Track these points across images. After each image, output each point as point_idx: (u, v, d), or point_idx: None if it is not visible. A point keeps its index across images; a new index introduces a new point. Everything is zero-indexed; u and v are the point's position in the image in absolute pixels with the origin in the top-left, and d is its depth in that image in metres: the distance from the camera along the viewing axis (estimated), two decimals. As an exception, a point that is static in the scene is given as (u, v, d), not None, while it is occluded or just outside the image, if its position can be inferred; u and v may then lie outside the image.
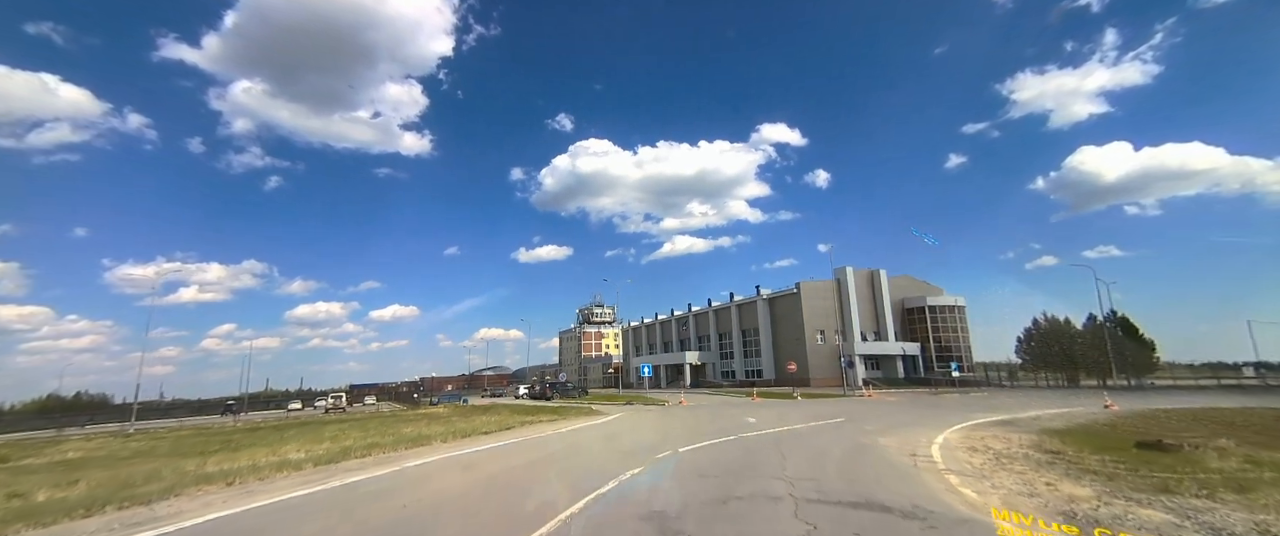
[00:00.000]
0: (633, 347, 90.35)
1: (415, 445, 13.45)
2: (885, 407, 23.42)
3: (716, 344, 70.23)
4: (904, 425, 15.46)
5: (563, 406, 32.06)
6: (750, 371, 63.86)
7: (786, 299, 60.04)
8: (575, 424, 18.88)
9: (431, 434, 15.66)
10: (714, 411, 23.28)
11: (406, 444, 13.57)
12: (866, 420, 17.13)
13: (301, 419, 34.57)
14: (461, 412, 28.18)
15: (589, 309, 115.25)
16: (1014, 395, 33.69)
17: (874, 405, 25.52)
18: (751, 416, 19.30)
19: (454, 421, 21.46)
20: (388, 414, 30.94)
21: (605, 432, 15.55)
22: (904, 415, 19.32)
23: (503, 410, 27.95)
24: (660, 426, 17.10)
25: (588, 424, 18.78)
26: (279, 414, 53.67)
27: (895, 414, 19.91)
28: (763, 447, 11.16)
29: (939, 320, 61.96)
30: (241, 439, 20.32)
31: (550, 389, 47.55)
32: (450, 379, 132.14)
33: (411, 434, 15.98)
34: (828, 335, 58.15)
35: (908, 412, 20.45)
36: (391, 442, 13.83)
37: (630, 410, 26.98)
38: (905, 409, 22.66)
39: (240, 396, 71.97)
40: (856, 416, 18.64)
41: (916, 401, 27.92)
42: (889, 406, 24.36)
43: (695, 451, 10.85)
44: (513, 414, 24.85)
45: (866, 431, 13.92)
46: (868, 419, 17.69)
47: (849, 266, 60.13)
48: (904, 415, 19.32)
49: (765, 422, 16.52)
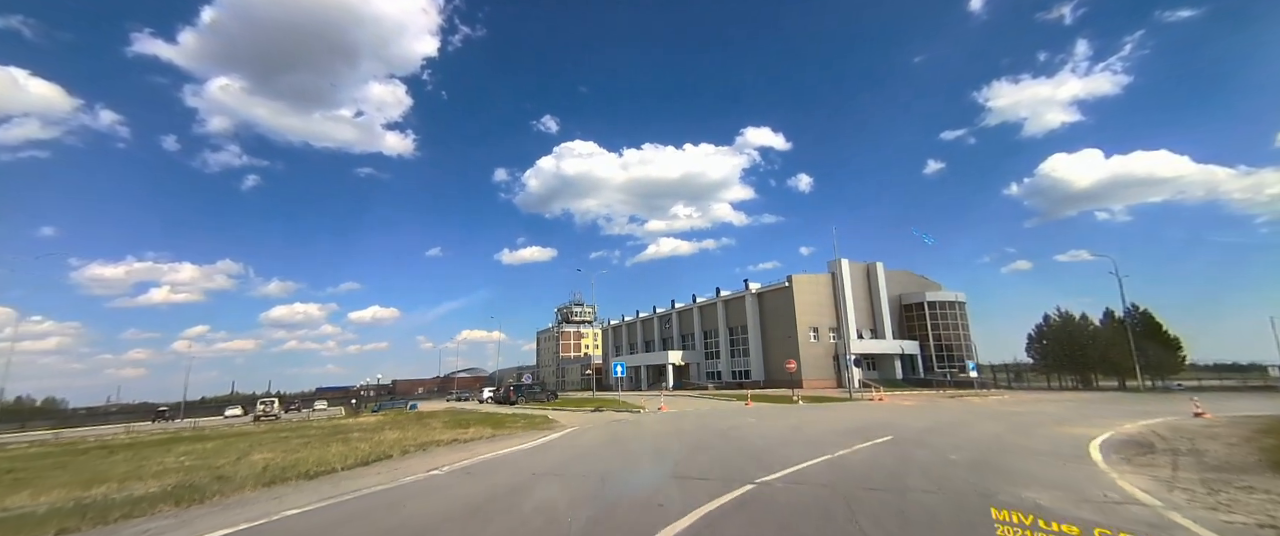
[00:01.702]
0: (612, 347, 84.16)
1: (209, 493, 7.41)
2: (926, 416, 17.65)
3: (701, 343, 64.39)
4: (1005, 448, 9.71)
5: (519, 414, 25.89)
6: (737, 372, 58.11)
7: (777, 294, 54.45)
8: (505, 446, 12.74)
9: (289, 463, 10.02)
10: (702, 422, 17.31)
11: (212, 482, 7.46)
12: (934, 437, 11.37)
13: (201, 432, 27.83)
14: (386, 425, 21.92)
15: (568, 308, 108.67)
16: (1046, 399, 28.31)
17: (906, 412, 19.75)
18: (755, 430, 13.42)
19: (350, 441, 15.21)
20: (289, 427, 24.48)
21: (525, 466, 9.50)
22: (977, 429, 13.51)
23: (436, 422, 21.66)
24: (619, 454, 11.05)
25: (520, 447, 12.65)
26: (215, 421, 46.73)
27: (961, 427, 14.12)
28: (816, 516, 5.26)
29: (939, 317, 56.91)
30: (39, 465, 13.87)
31: (514, 392, 41.29)
32: (422, 381, 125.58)
33: (256, 465, 9.90)
34: (822, 333, 52.72)
35: (982, 425, 14.67)
36: (183, 483, 7.60)
37: (594, 420, 20.91)
38: (961, 418, 16.89)
39: (176, 403, 64.84)
40: (915, 432, 12.81)
41: (947, 406, 22.30)
42: (926, 412, 18.66)
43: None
44: (445, 427, 18.63)
45: (959, 457, 8.12)
46: (936, 437, 11.89)
47: (844, 258, 54.77)
48: (977, 429, 13.51)
49: (779, 438, 10.71)
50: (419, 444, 13.29)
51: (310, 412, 44.33)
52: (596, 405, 27.90)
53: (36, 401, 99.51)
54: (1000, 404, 24.89)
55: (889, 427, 14.41)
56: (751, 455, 9.75)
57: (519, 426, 18.11)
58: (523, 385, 41.42)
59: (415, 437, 14.88)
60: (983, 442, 11.11)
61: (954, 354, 56.01)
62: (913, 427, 14.24)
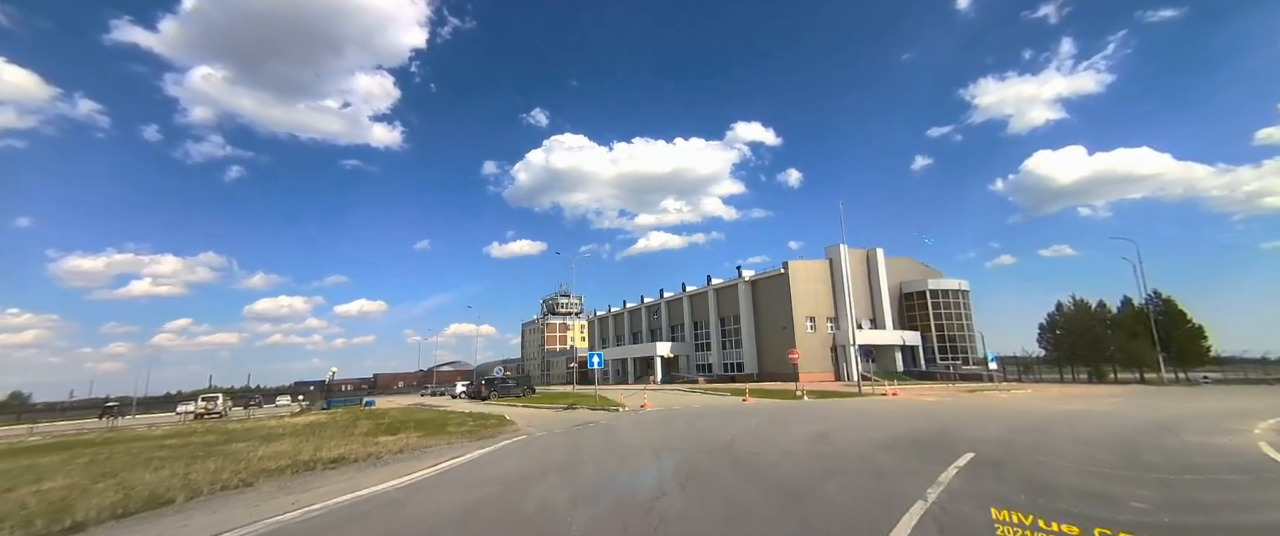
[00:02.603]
0: (599, 339, 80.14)
1: None
2: (974, 414, 13.80)
3: (691, 334, 60.50)
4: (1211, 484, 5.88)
5: (478, 413, 21.76)
6: (730, 364, 54.33)
7: (772, 282, 50.64)
8: (418, 468, 8.70)
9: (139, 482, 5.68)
10: (696, 426, 13.33)
11: None
12: (1043, 453, 7.50)
13: (97, 436, 23.43)
14: (307, 429, 17.79)
15: (553, 299, 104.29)
16: (1084, 394, 24.72)
17: (942, 410, 15.89)
18: (770, 440, 9.43)
19: (223, 455, 11.06)
20: (201, 431, 20.21)
21: (409, 514, 5.46)
22: (1088, 433, 9.61)
23: (369, 425, 17.49)
24: (564, 490, 7.00)
25: (435, 469, 8.59)
26: (159, 418, 42.07)
27: (1047, 432, 10.23)
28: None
29: (941, 307, 53.51)
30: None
31: (485, 386, 37.11)
32: (403, 375, 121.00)
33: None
34: (819, 323, 49.05)
35: (1069, 428, 10.80)
36: None
37: (560, 421, 16.87)
38: (1027, 420, 13.04)
39: (127, 398, 59.87)
40: (996, 440, 8.91)
41: (979, 402, 18.53)
42: (968, 410, 14.78)
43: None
44: (369, 434, 14.48)
45: (1150, 495, 4.27)
46: (1044, 452, 8.01)
47: (843, 244, 51.05)
48: (1088, 433, 9.61)
49: (809, 457, 6.76)
50: (306, 462, 9.19)
51: (273, 408, 39.52)
52: (571, 401, 23.88)
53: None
54: (1036, 400, 21.19)
55: (947, 434, 10.50)
56: (785, 495, 5.75)
57: (463, 431, 14.03)
58: (495, 380, 37.25)
59: (314, 451, 10.78)
60: (1149, 464, 7.19)
61: (957, 345, 52.68)
62: (983, 435, 10.32)
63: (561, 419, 17.71)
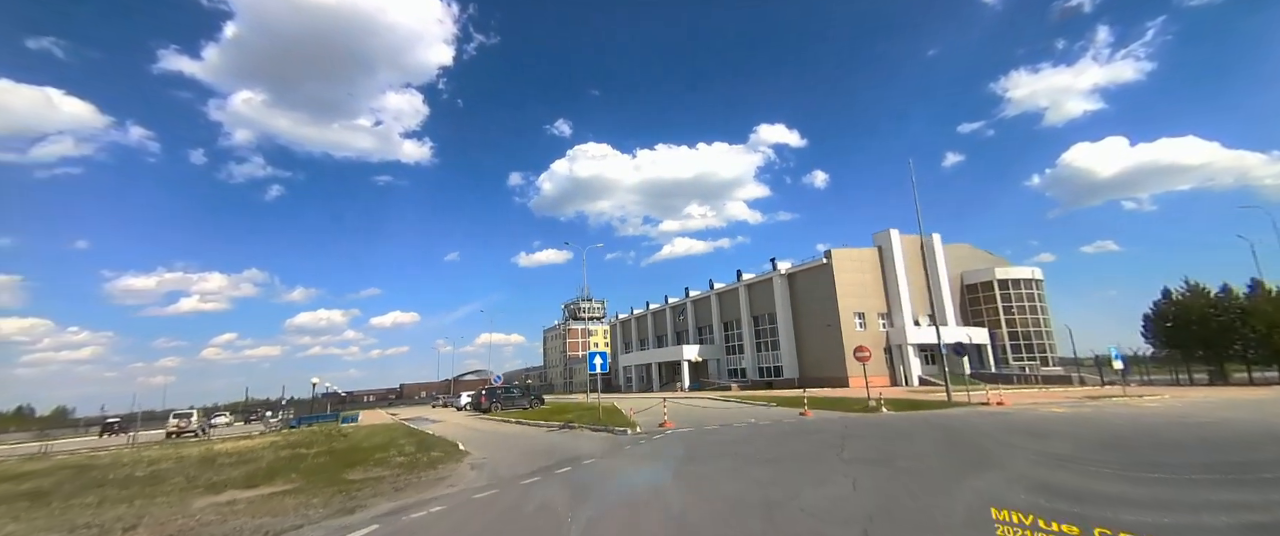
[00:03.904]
0: (622, 344, 74.26)
1: None
2: (1204, 435, 7.50)
3: (720, 335, 54.11)
4: None
5: (438, 437, 16.18)
6: (766, 368, 47.75)
7: (813, 274, 43.99)
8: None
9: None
10: (747, 476, 7.39)
11: None
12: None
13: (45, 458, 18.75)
14: (205, 462, 12.55)
15: (575, 304, 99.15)
16: (1238, 396, 17.60)
17: (1130, 429, 9.44)
18: (923, 513, 3.88)
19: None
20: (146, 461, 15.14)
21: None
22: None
23: (239, 465, 12.10)
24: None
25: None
26: (148, 435, 38.03)
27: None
28: None
29: (1011, 299, 45.98)
30: None
31: (486, 398, 31.71)
32: (427, 385, 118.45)
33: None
34: (870, 319, 42.17)
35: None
36: None
37: (537, 455, 11.12)
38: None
39: (130, 414, 56.62)
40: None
41: (1149, 418, 11.92)
42: (1170, 428, 8.40)
43: None
44: (207, 491, 9.16)
45: None
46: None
47: (894, 229, 44.22)
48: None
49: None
50: None
51: (244, 426, 34.71)
52: (571, 416, 18.07)
53: (38, 410, 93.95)
54: (1213, 407, 14.38)
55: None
56: None
57: (371, 480, 8.43)
58: (496, 390, 31.87)
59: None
60: None
61: (1032, 343, 45.04)
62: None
63: (543, 448, 11.90)
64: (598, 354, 15.99)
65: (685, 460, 8.81)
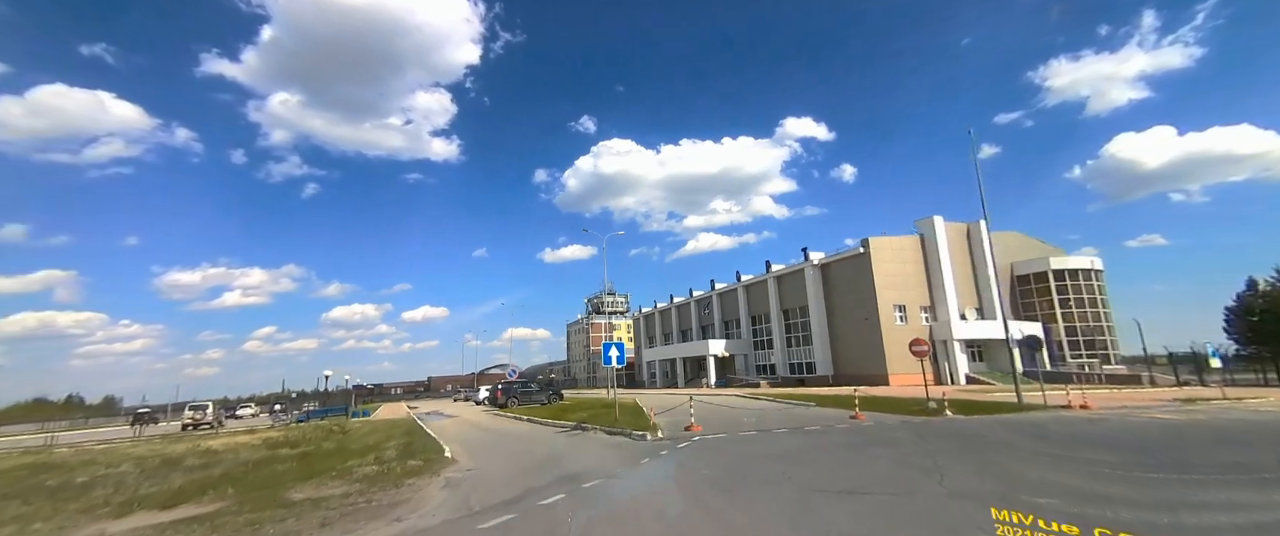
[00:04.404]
0: (645, 338, 72.22)
1: None
2: None
3: (748, 330, 51.43)
4: None
5: (425, 440, 14.29)
6: (797, 364, 44.95)
7: (848, 264, 40.97)
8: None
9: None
10: (829, 524, 5.23)
11: None
12: None
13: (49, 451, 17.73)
14: (164, 464, 10.94)
15: (598, 298, 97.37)
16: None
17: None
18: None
19: None
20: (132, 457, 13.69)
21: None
22: None
23: (202, 467, 10.36)
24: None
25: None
26: (171, 428, 37.00)
27: None
28: None
29: (1068, 291, 42.12)
30: None
31: (502, 393, 29.91)
32: (453, 378, 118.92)
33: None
34: (911, 312, 38.99)
35: None
36: None
37: (532, 467, 9.01)
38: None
39: (161, 405, 57.12)
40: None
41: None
42: None
43: None
44: (112, 512, 7.28)
45: None
46: None
47: (937, 216, 40.87)
48: None
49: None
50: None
51: (251, 419, 33.35)
52: (584, 417, 15.98)
53: (88, 400, 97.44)
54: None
55: None
56: None
57: (326, 506, 6.50)
58: (513, 385, 30.04)
59: None
60: None
61: (1092, 339, 41.13)
62: None
63: (543, 457, 9.80)
64: (613, 345, 13.81)
65: (722, 487, 6.54)
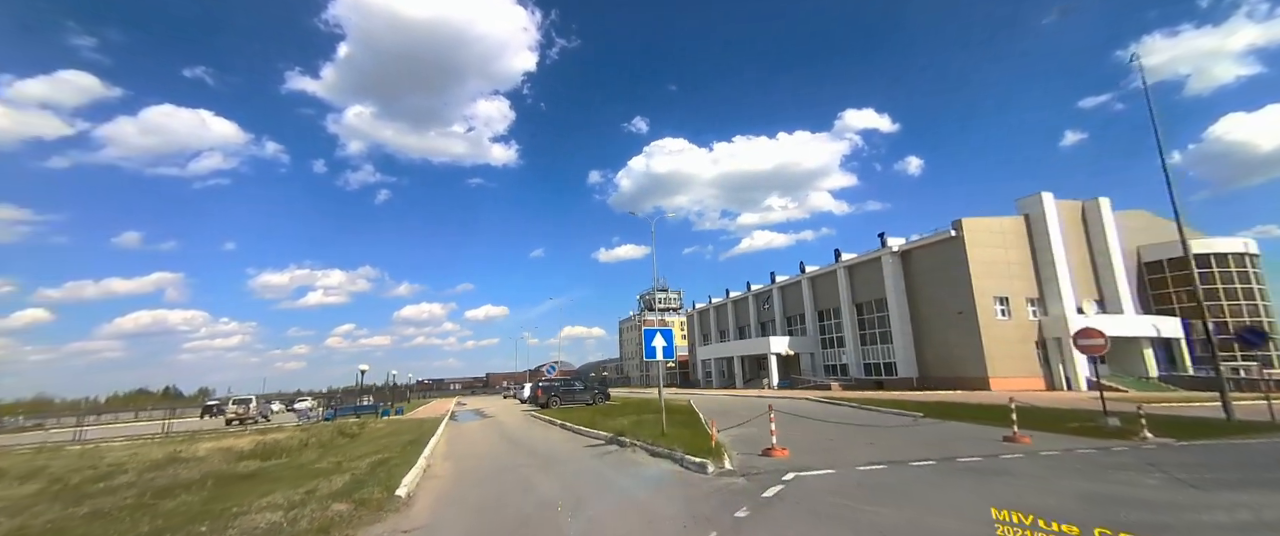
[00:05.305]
0: (700, 335, 68.16)
1: None
2: None
3: (814, 326, 46.42)
4: None
5: (403, 452, 11.25)
6: (873, 365, 39.71)
7: (935, 251, 35.41)
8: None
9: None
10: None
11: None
12: None
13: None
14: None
15: (650, 295, 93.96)
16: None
17: None
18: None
19: None
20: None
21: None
22: None
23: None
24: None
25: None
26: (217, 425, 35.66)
27: None
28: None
29: (1214, 280, 34.69)
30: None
31: (542, 392, 27.12)
32: (509, 375, 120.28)
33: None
34: (1015, 305, 33.05)
35: None
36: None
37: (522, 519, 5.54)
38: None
39: (226, 397, 58.61)
40: None
41: None
42: None
43: None
44: None
45: None
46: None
47: (1046, 193, 34.62)
48: None
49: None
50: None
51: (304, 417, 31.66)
52: (625, 425, 12.55)
53: (183, 392, 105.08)
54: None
55: None
56: None
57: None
58: (554, 384, 27.21)
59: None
60: None
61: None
62: None
63: (548, 499, 6.41)
64: (658, 331, 10.19)
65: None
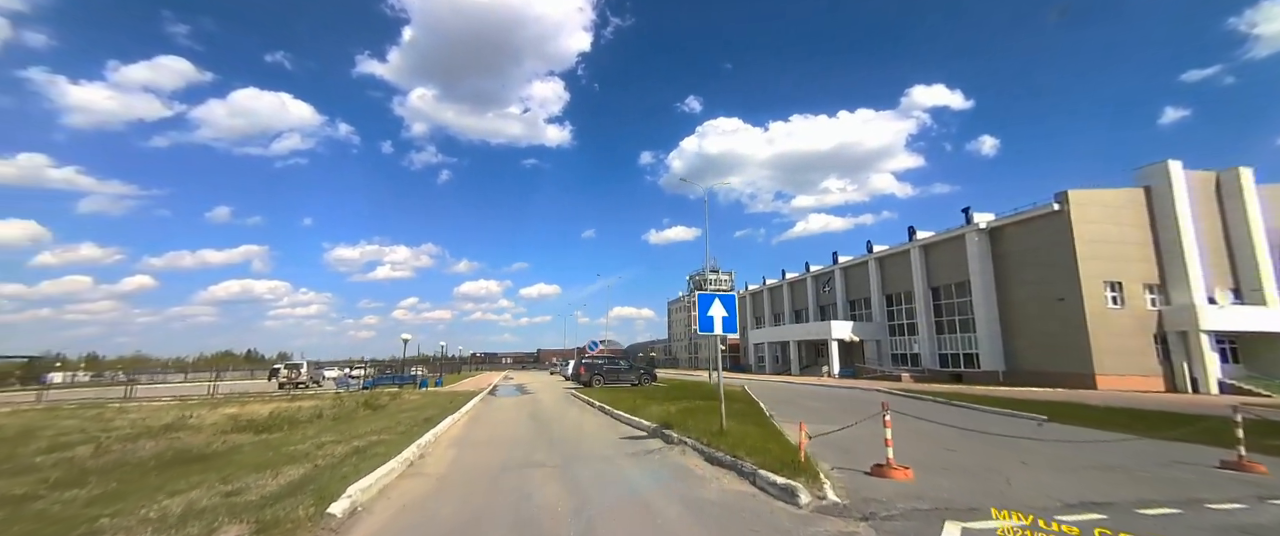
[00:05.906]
0: (752, 318, 65.09)
1: None
2: None
3: (881, 311, 42.61)
4: None
5: (406, 436, 9.58)
6: (950, 355, 35.82)
7: (1033, 227, 30.91)
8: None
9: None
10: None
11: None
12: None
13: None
14: None
15: (701, 275, 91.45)
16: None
17: None
18: None
19: None
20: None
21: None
22: None
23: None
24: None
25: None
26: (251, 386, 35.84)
27: None
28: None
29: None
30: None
31: (585, 370, 25.57)
32: (558, 351, 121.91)
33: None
34: (1130, 292, 28.39)
35: None
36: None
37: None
38: None
39: (297, 363, 60.86)
40: None
41: None
42: None
43: None
44: None
45: None
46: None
47: (1173, 161, 29.38)
48: None
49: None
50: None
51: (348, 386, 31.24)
52: (673, 413, 10.48)
53: (264, 355, 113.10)
54: None
55: None
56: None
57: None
58: (597, 362, 25.60)
59: None
60: None
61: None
62: None
63: (556, 511, 4.44)
64: (716, 297, 7.80)
65: None
